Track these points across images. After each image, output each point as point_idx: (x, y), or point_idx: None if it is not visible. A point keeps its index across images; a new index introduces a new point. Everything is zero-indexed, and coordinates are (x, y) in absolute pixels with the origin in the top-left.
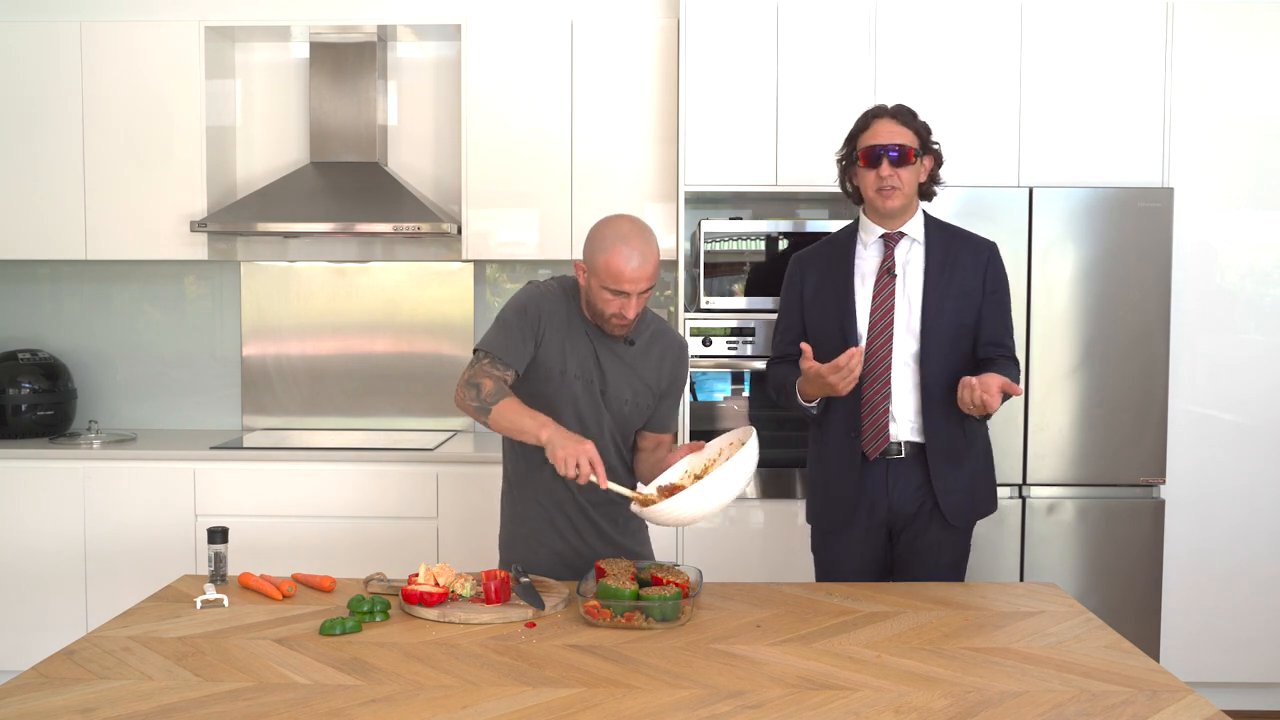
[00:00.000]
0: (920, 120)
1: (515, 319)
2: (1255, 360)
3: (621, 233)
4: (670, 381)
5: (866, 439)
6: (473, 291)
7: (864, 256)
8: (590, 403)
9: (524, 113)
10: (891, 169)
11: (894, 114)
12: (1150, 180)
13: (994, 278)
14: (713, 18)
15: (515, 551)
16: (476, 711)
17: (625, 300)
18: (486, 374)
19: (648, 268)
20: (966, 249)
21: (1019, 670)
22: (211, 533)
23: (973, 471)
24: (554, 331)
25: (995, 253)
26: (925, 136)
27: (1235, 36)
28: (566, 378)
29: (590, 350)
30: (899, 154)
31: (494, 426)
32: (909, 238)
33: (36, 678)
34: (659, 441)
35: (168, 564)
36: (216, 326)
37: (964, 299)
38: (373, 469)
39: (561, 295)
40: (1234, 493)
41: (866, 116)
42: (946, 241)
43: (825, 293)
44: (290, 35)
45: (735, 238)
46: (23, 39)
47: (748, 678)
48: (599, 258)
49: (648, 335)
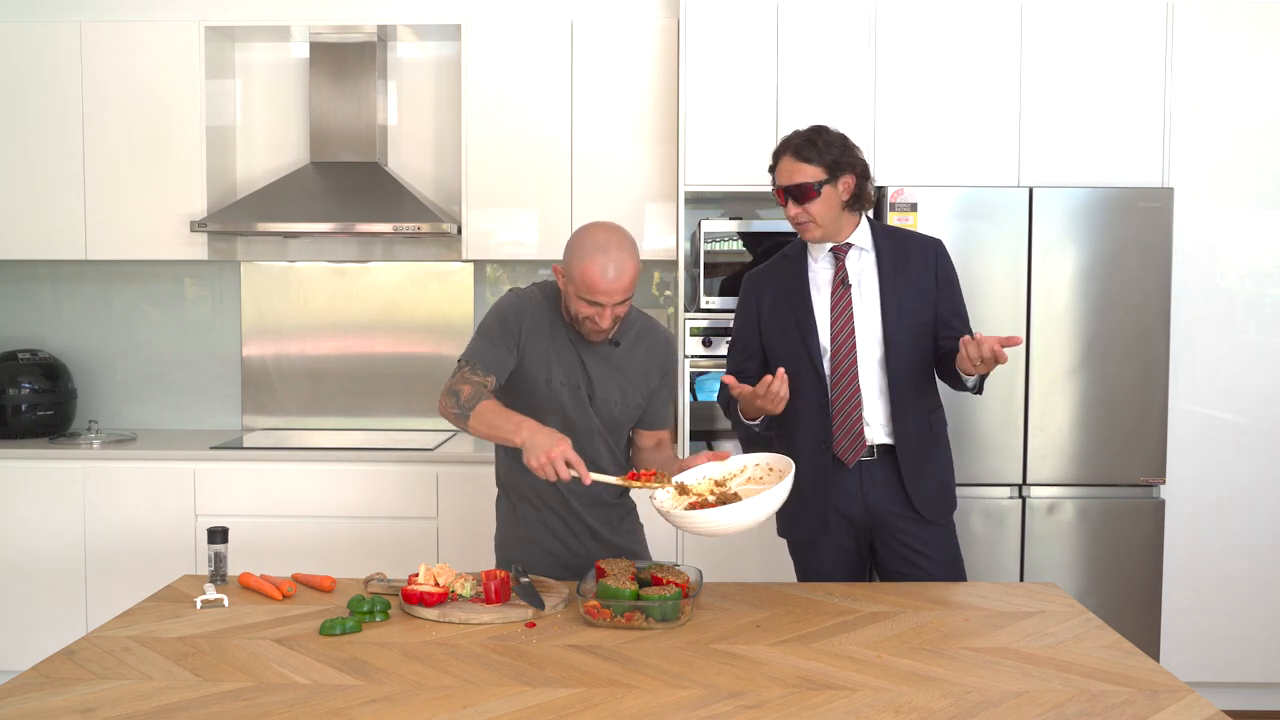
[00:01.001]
0: (826, 143)
1: (496, 326)
2: (1255, 360)
3: (599, 243)
4: (660, 378)
5: (842, 447)
6: (473, 291)
7: (816, 270)
8: (578, 409)
9: (524, 113)
10: (798, 207)
11: (795, 150)
12: (1150, 180)
13: (944, 273)
14: (713, 18)
15: (511, 552)
16: (476, 711)
17: (600, 310)
18: (466, 380)
19: (623, 280)
20: (914, 249)
21: (1019, 670)
22: (211, 533)
23: (940, 467)
24: (536, 340)
25: (942, 248)
26: (835, 161)
27: (1235, 36)
28: (552, 386)
29: (575, 356)
30: (799, 193)
31: (474, 432)
32: (856, 247)
33: (36, 678)
34: (659, 439)
35: (168, 564)
36: (216, 326)
37: (920, 298)
38: (373, 469)
39: (544, 302)
40: (1234, 493)
41: (776, 151)
42: (894, 245)
43: (782, 308)
44: (290, 35)
45: (735, 238)
46: (23, 39)
47: (748, 678)
48: (575, 267)
49: (633, 334)
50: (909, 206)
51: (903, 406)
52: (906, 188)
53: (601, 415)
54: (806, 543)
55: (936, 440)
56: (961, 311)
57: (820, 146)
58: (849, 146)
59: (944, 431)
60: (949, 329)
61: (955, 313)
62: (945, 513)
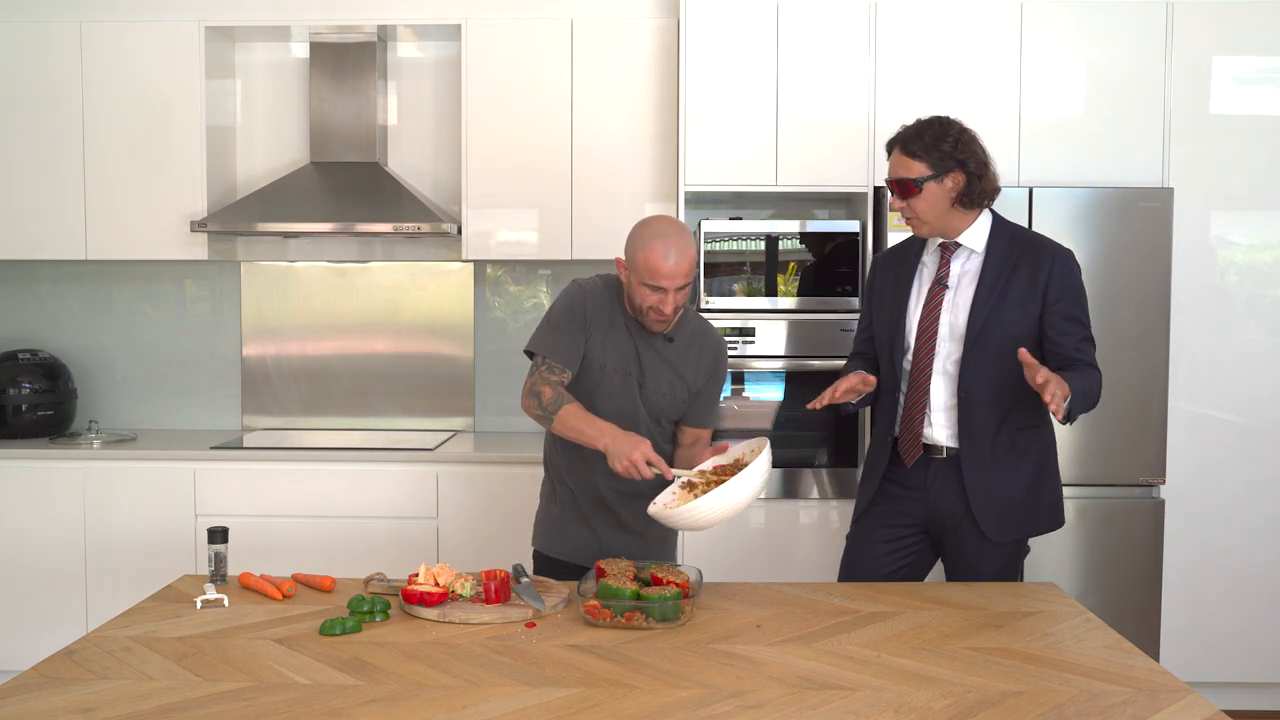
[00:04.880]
0: (936, 137)
1: (564, 319)
2: (1255, 360)
3: (659, 231)
4: (708, 379)
5: (903, 445)
6: (473, 291)
7: (926, 264)
8: (627, 393)
9: (524, 113)
10: (902, 202)
11: (903, 143)
12: (1150, 180)
13: (1056, 289)
14: (712, 17)
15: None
16: (476, 711)
17: (663, 295)
18: (545, 381)
19: (684, 264)
20: (1027, 259)
21: (1019, 670)
22: (211, 533)
23: (1016, 487)
24: (598, 327)
25: (1059, 261)
26: (943, 157)
27: (1235, 37)
28: (606, 370)
29: (631, 346)
30: (901, 189)
31: (557, 431)
32: (965, 248)
33: (36, 678)
34: (697, 437)
35: (168, 564)
36: (216, 326)
37: (1017, 310)
38: (373, 469)
39: (606, 292)
40: (1234, 493)
41: (888, 143)
42: (1009, 250)
43: (889, 297)
44: (290, 35)
45: (735, 238)
46: (23, 39)
47: (748, 678)
48: (638, 255)
49: (688, 333)
50: None
51: (973, 416)
52: None
53: (648, 403)
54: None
55: (1021, 459)
56: (1076, 329)
57: (928, 141)
58: (963, 142)
59: (1034, 452)
60: (1055, 345)
61: (1064, 330)
62: (1010, 534)
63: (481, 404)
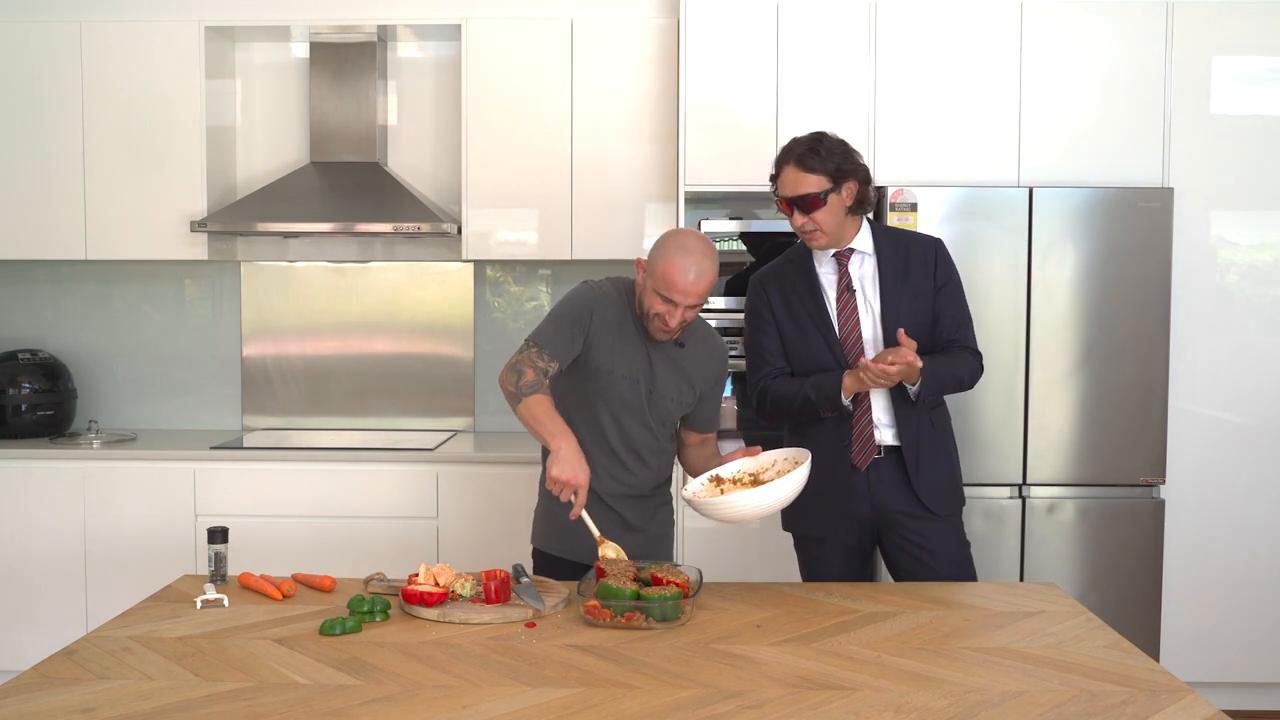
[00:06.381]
0: (829, 151)
1: (568, 315)
2: (1255, 360)
3: (686, 245)
4: (713, 383)
5: (855, 450)
6: (473, 291)
7: (822, 274)
8: (634, 401)
9: (524, 113)
10: (804, 216)
11: (798, 159)
12: (1150, 180)
13: (943, 272)
14: (713, 18)
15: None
16: (476, 711)
17: (671, 309)
18: (531, 363)
19: (701, 284)
20: (914, 251)
21: (1019, 670)
22: (211, 533)
23: (944, 461)
24: (605, 331)
25: (941, 248)
26: (838, 168)
27: (1235, 36)
28: (613, 377)
29: (644, 354)
30: (803, 204)
31: (519, 415)
32: (859, 252)
33: (36, 678)
34: (704, 439)
35: (168, 564)
36: (216, 326)
37: (919, 300)
38: (373, 469)
39: (616, 297)
40: (1234, 493)
41: (777, 161)
42: (895, 248)
43: (798, 313)
44: (290, 35)
45: (735, 238)
46: (23, 39)
47: (748, 678)
48: (660, 263)
49: (697, 337)
50: (909, 206)
51: (907, 406)
52: (906, 187)
53: (655, 411)
54: (813, 539)
55: (942, 436)
56: (960, 313)
57: (823, 155)
58: (850, 152)
59: (948, 426)
60: (948, 335)
61: (952, 313)
62: (952, 506)
63: (481, 404)
